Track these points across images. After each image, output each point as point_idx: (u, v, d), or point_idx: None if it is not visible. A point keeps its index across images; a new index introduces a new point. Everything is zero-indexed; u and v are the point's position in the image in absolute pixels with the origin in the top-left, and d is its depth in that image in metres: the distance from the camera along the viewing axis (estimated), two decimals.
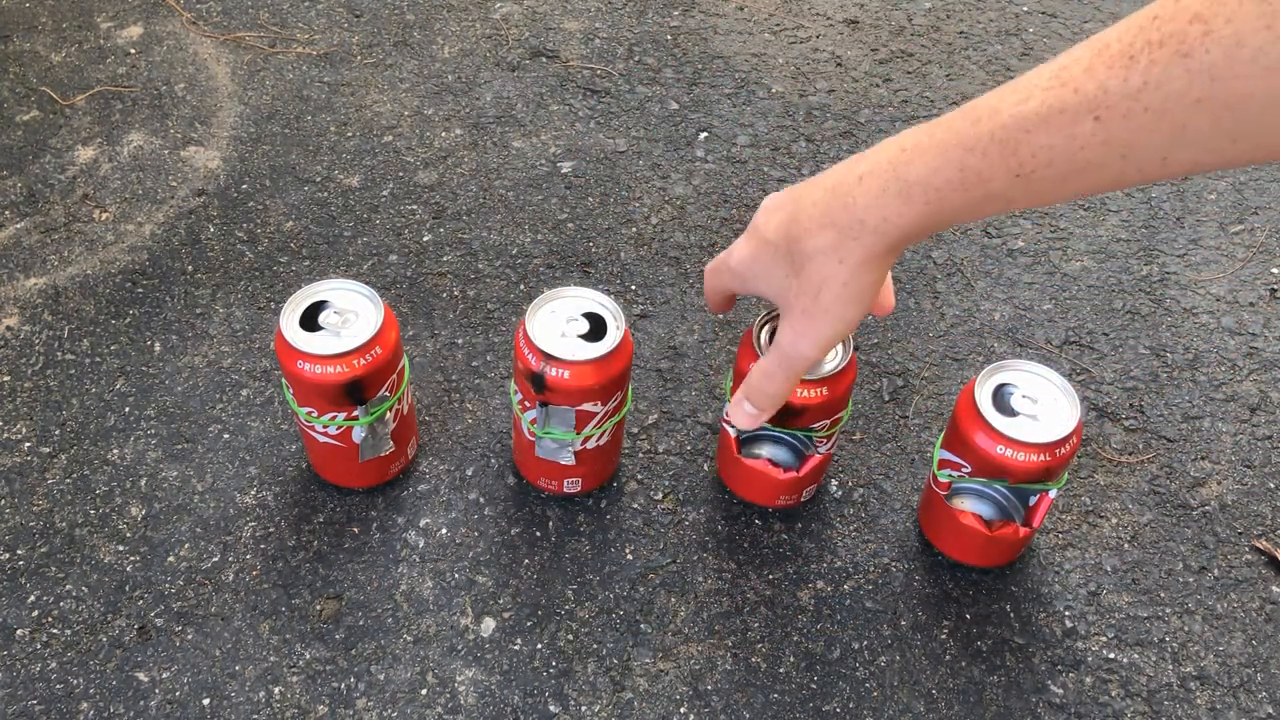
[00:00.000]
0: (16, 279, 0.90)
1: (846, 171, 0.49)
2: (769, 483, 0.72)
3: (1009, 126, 0.42)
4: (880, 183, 0.47)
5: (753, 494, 0.74)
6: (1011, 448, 0.63)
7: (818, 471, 0.72)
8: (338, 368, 0.64)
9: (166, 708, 0.64)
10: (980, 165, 0.44)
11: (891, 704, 0.66)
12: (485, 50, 1.17)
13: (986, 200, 0.45)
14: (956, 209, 0.46)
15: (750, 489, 0.74)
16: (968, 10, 1.29)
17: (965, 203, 0.45)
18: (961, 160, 0.44)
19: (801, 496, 0.74)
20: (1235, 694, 0.68)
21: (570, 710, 0.65)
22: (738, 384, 0.67)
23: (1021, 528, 0.68)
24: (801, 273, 0.51)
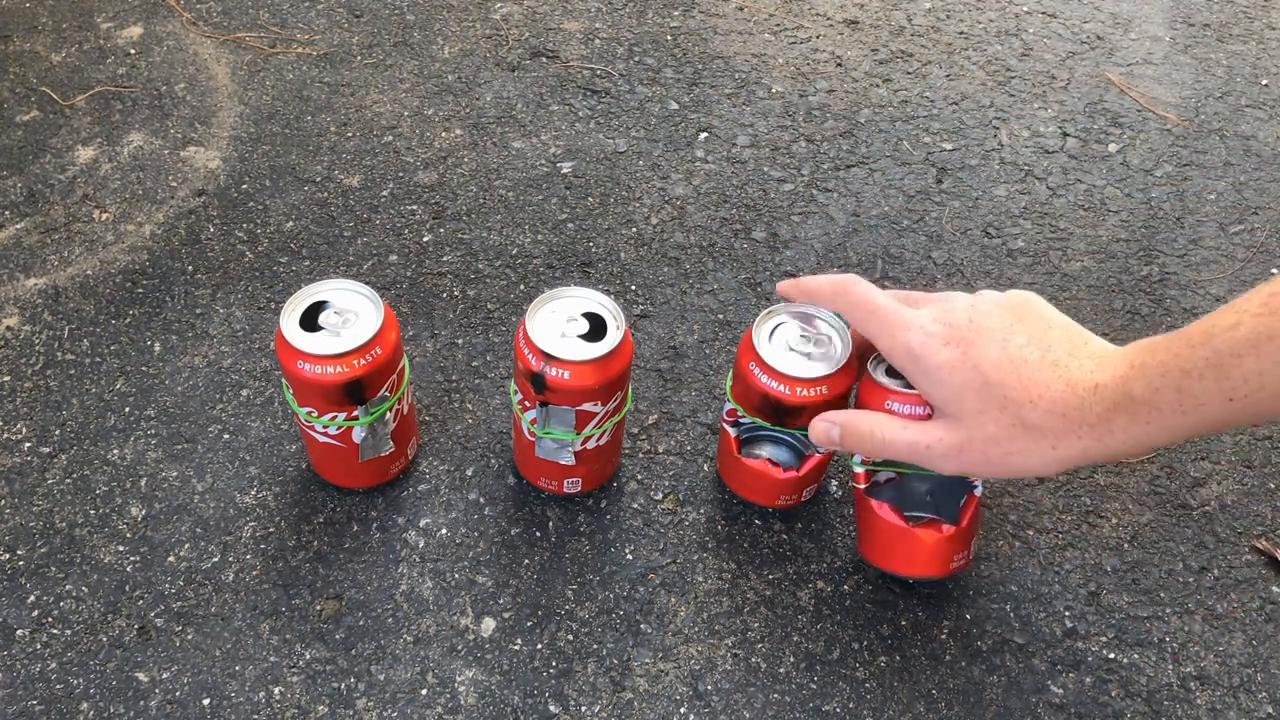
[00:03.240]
0: (16, 279, 0.90)
1: (1082, 370, 0.51)
2: (769, 482, 0.72)
3: (1221, 352, 0.44)
4: (1113, 396, 0.49)
5: (753, 494, 0.74)
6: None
7: (818, 471, 0.72)
8: (338, 368, 0.64)
9: (166, 708, 0.64)
10: (1197, 389, 0.46)
11: (891, 704, 0.66)
12: (485, 50, 1.17)
13: (1201, 425, 0.47)
14: (1173, 430, 0.48)
15: (750, 489, 0.74)
16: (968, 10, 1.29)
17: (1181, 426, 0.47)
18: (1179, 383, 0.46)
19: (802, 496, 0.74)
20: (1235, 694, 0.68)
21: (570, 710, 0.65)
22: (737, 384, 0.68)
23: (946, 526, 0.65)
24: (1003, 426, 0.52)
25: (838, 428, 0.60)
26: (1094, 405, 0.50)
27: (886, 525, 0.65)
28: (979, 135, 1.11)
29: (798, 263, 0.96)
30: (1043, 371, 0.52)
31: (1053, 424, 0.51)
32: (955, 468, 0.55)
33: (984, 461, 0.54)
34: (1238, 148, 1.12)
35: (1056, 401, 0.51)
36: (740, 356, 0.67)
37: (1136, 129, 1.13)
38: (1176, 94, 1.19)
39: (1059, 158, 1.09)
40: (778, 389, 0.65)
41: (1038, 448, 0.52)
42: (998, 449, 0.53)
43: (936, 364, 0.54)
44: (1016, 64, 1.21)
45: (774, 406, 0.66)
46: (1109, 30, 1.28)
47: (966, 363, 0.53)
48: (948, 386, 0.54)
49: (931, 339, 0.54)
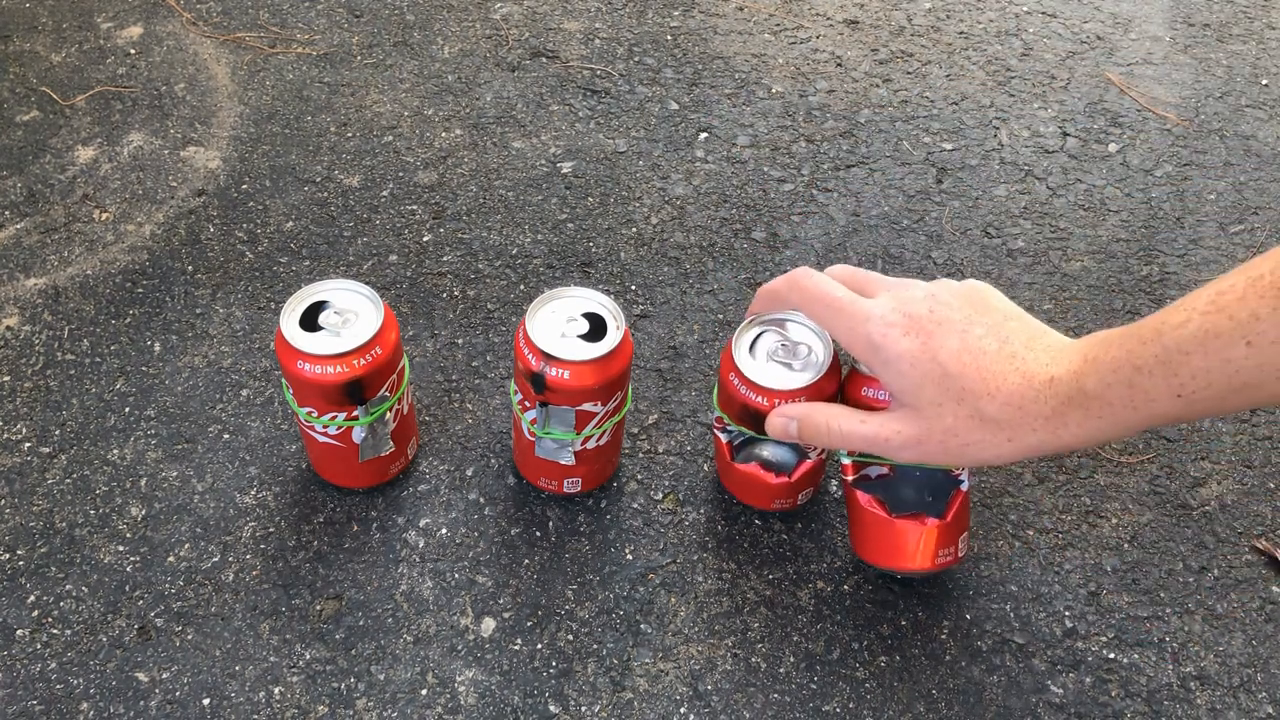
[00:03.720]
0: (16, 279, 0.90)
1: (1037, 363, 0.52)
2: (762, 487, 0.72)
3: (1170, 349, 0.45)
4: (1067, 391, 0.50)
5: (749, 498, 0.74)
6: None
7: (812, 476, 0.72)
8: (338, 368, 0.64)
9: (166, 708, 0.64)
10: (1147, 385, 0.46)
11: (891, 704, 0.66)
12: (485, 50, 1.17)
13: (1150, 420, 0.48)
14: (1124, 425, 0.49)
15: (746, 493, 0.74)
16: (968, 10, 1.29)
17: (1132, 421, 0.48)
18: (1130, 378, 0.47)
19: (798, 500, 0.74)
20: (1235, 694, 0.68)
21: (570, 710, 0.65)
22: (721, 394, 0.69)
23: (931, 519, 0.65)
24: (961, 418, 0.53)
25: (794, 422, 0.61)
26: (1049, 399, 0.50)
27: (871, 518, 0.66)
28: (979, 135, 1.11)
29: (798, 263, 0.96)
30: (1000, 363, 0.52)
31: (1009, 416, 0.52)
32: (914, 458, 0.56)
33: (942, 452, 0.54)
34: (1238, 148, 1.12)
35: (1013, 394, 0.51)
36: (722, 368, 0.67)
37: (1136, 129, 1.13)
38: (1176, 94, 1.19)
39: (1059, 158, 1.09)
40: (756, 400, 0.65)
41: (994, 439, 0.52)
42: (955, 440, 0.53)
43: (897, 354, 0.54)
44: (1016, 64, 1.21)
45: (754, 417, 0.66)
46: (1109, 30, 1.28)
47: (926, 353, 0.53)
48: (907, 378, 0.54)
49: (891, 329, 0.55)
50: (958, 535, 0.66)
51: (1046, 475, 0.79)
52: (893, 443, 0.56)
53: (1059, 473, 0.80)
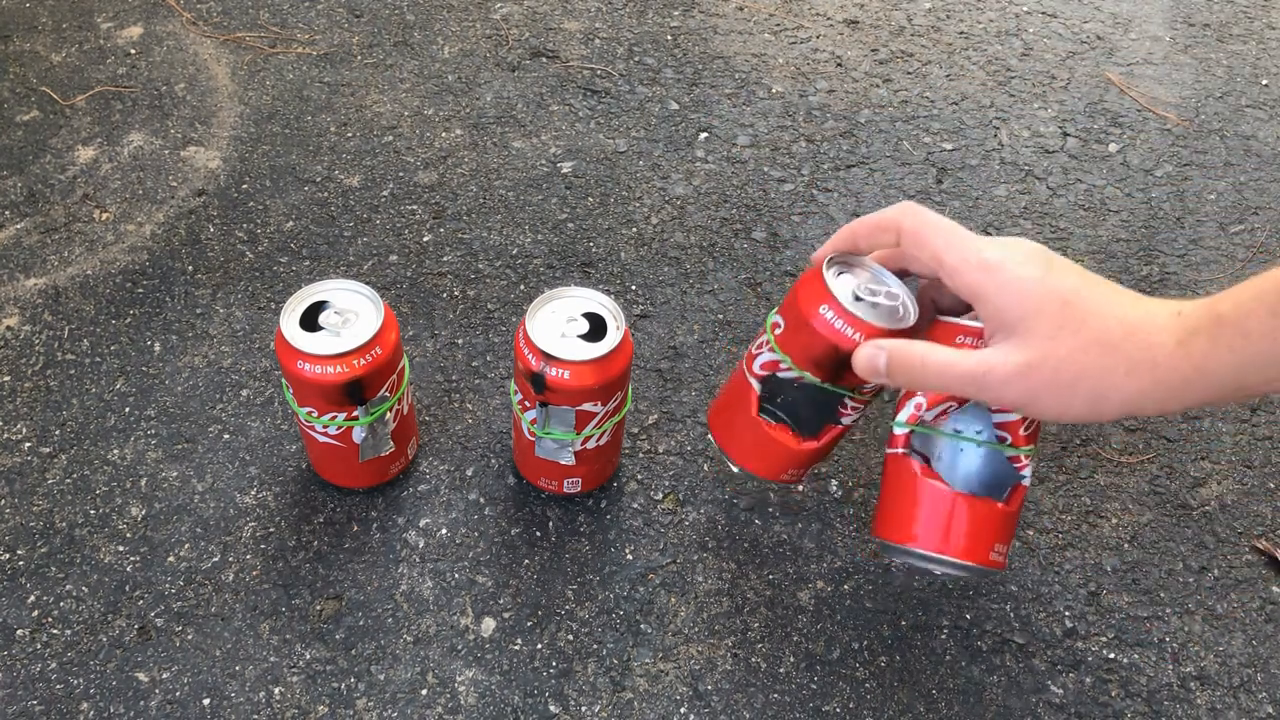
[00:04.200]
0: (16, 279, 0.90)
1: (1158, 302, 0.48)
2: (782, 452, 0.64)
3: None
4: (1195, 320, 0.46)
5: (759, 462, 0.66)
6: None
7: (829, 446, 0.65)
8: (338, 368, 0.64)
9: (166, 708, 0.64)
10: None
11: (891, 704, 0.66)
12: (485, 50, 1.17)
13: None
14: (1259, 363, 0.43)
15: (758, 456, 0.65)
16: (968, 10, 1.29)
17: (1270, 357, 0.43)
18: (1275, 305, 0.43)
19: (804, 475, 0.68)
20: (1235, 694, 0.68)
21: (570, 710, 0.65)
22: (796, 334, 0.59)
23: (999, 503, 0.58)
24: (1075, 347, 0.48)
25: (884, 354, 0.54)
26: (1175, 329, 0.46)
27: (929, 492, 0.56)
28: (979, 135, 1.11)
29: (798, 263, 0.96)
30: (1121, 296, 0.48)
31: (1129, 345, 0.47)
32: (1017, 395, 0.49)
33: (1051, 384, 0.48)
34: (1238, 148, 1.12)
35: (1137, 322, 0.47)
36: (804, 302, 0.58)
37: (1136, 129, 1.13)
38: (1176, 94, 1.19)
39: (1059, 158, 1.09)
40: (851, 336, 0.56)
41: (1111, 371, 0.47)
42: (1068, 370, 0.48)
43: (1014, 276, 0.49)
44: (1016, 64, 1.21)
45: (836, 358, 0.57)
46: (1109, 30, 1.28)
47: (1044, 283, 0.49)
48: (1021, 305, 0.49)
49: (1009, 254, 0.50)
50: (1011, 535, 0.59)
51: (1046, 475, 0.79)
52: (996, 374, 0.49)
53: (1059, 473, 0.80)
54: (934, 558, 0.58)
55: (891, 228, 0.55)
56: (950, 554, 0.57)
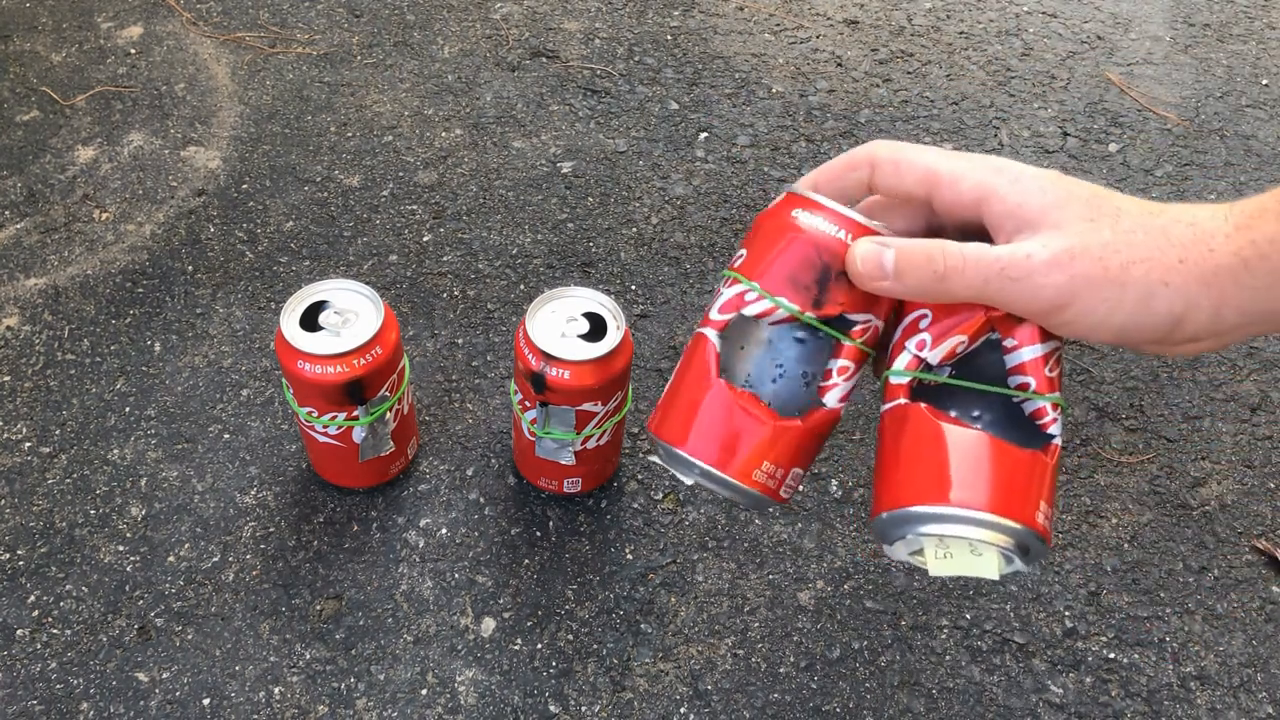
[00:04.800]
0: (16, 279, 0.90)
1: (1193, 205, 0.42)
2: (754, 431, 0.43)
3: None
4: (1250, 206, 0.39)
5: (721, 449, 0.43)
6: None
7: (816, 436, 0.44)
8: (338, 368, 0.64)
9: (166, 708, 0.64)
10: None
11: (891, 704, 0.66)
12: (485, 50, 1.17)
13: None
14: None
15: (722, 440, 0.43)
16: (968, 10, 1.29)
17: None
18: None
19: (785, 480, 0.44)
20: (1235, 694, 0.68)
21: (570, 710, 0.65)
22: (765, 241, 0.44)
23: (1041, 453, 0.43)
24: (1120, 231, 0.40)
25: (891, 250, 0.42)
26: (1228, 215, 0.39)
27: (953, 437, 0.41)
28: (979, 135, 1.11)
29: None
30: (1152, 203, 0.41)
31: (1181, 233, 0.39)
32: (1058, 288, 0.39)
33: (1099, 273, 0.39)
34: (1238, 148, 1.12)
35: (1184, 212, 0.40)
36: (775, 213, 0.44)
37: (1136, 129, 1.13)
38: (1176, 94, 1.19)
39: (1059, 157, 1.09)
40: (839, 235, 0.42)
41: (1164, 256, 0.39)
42: (1118, 257, 0.39)
43: (1031, 174, 0.41)
44: (1016, 64, 1.21)
45: (826, 272, 0.42)
46: (1109, 30, 1.28)
47: (1065, 180, 0.41)
48: (1047, 193, 0.41)
49: (1015, 162, 0.43)
50: (1054, 495, 0.44)
51: None
52: (1035, 260, 0.39)
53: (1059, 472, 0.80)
54: (971, 517, 0.41)
55: (862, 164, 0.45)
56: (994, 511, 0.41)
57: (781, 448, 0.44)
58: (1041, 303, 0.40)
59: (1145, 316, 0.40)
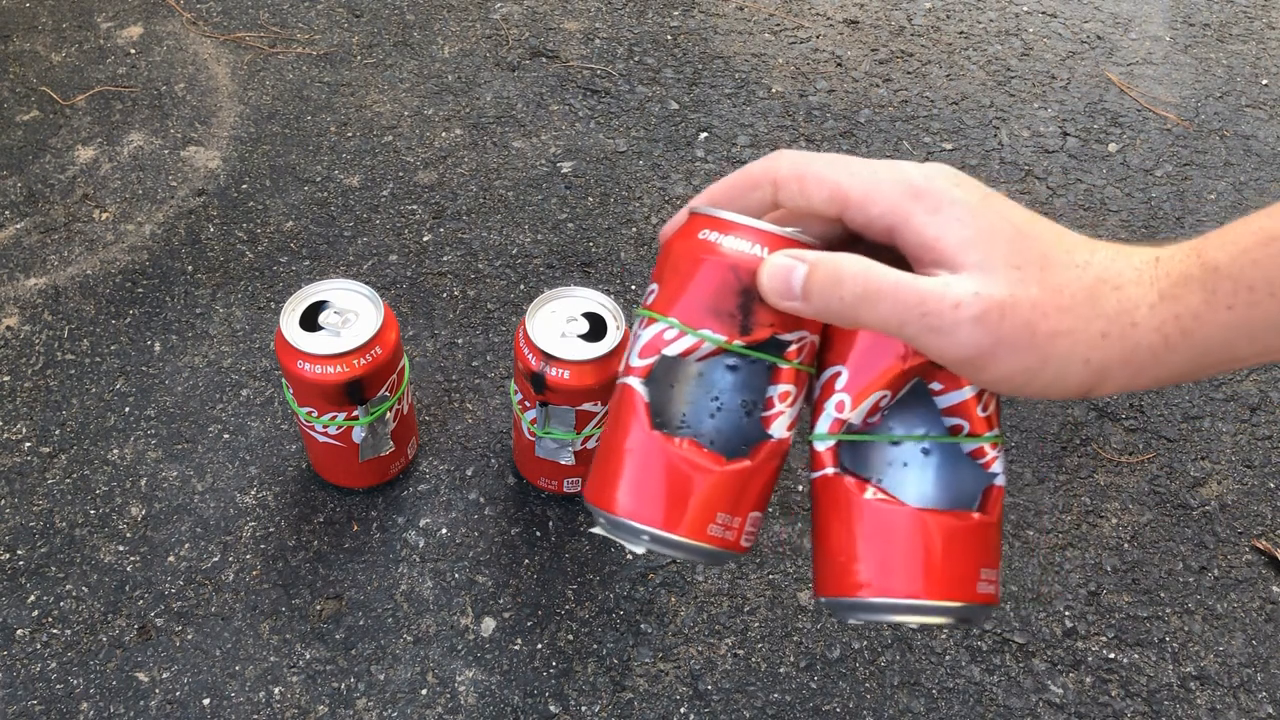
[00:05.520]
0: (16, 279, 0.90)
1: (1123, 246, 0.38)
2: (700, 481, 0.38)
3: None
4: (1183, 266, 0.35)
5: (668, 509, 0.38)
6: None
7: (767, 474, 0.40)
8: (338, 368, 0.64)
9: (166, 708, 0.64)
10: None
11: (891, 704, 0.66)
12: (485, 50, 1.17)
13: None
14: (1266, 328, 0.34)
15: (666, 497, 0.38)
16: (968, 10, 1.29)
17: (1277, 320, 0.34)
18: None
19: (744, 528, 0.40)
20: (1235, 694, 0.68)
21: (570, 710, 0.65)
22: (680, 265, 0.40)
23: (974, 513, 0.40)
24: (1048, 290, 0.36)
25: (804, 266, 0.37)
26: (1156, 278, 0.36)
27: (884, 516, 0.39)
28: (979, 135, 1.11)
29: None
30: (1078, 238, 0.38)
31: (1106, 299, 0.36)
32: (977, 341, 0.36)
33: (1027, 336, 0.36)
34: (1238, 148, 1.12)
35: (1108, 269, 0.36)
36: (682, 238, 0.40)
37: (1136, 129, 1.13)
38: (1176, 94, 1.19)
39: (1059, 157, 1.09)
40: (751, 251, 0.38)
41: (1087, 329, 0.36)
42: (1046, 322, 0.36)
43: (950, 199, 0.37)
44: (1016, 64, 1.21)
45: (749, 295, 0.38)
46: (1109, 30, 1.28)
47: (990, 208, 0.37)
48: (968, 226, 0.37)
49: (935, 178, 0.38)
50: (998, 554, 0.41)
51: (1046, 475, 0.79)
52: (963, 312, 0.35)
53: (1059, 473, 0.80)
54: (905, 605, 0.39)
55: (763, 181, 0.40)
56: (929, 596, 0.39)
57: (733, 494, 0.40)
58: (957, 356, 0.37)
59: (1058, 386, 0.37)
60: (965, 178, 0.38)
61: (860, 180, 0.38)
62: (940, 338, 0.36)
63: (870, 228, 0.38)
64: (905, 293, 0.36)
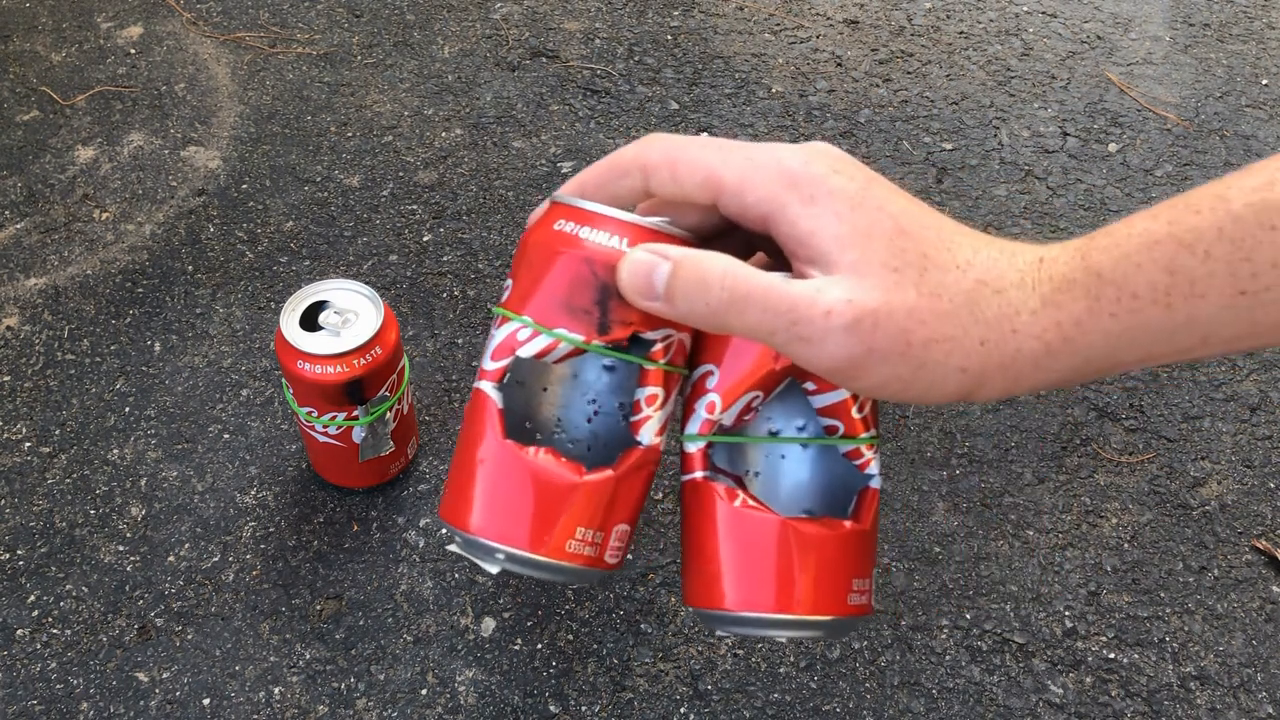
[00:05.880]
0: (16, 279, 0.90)
1: (1010, 243, 0.36)
2: (557, 493, 0.36)
3: (1244, 220, 0.31)
4: (1066, 270, 0.34)
5: (525, 524, 0.36)
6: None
7: (636, 485, 0.38)
8: (338, 368, 0.64)
9: (166, 708, 0.64)
10: (1197, 271, 0.32)
11: (891, 704, 0.66)
12: (485, 50, 1.17)
13: (1188, 326, 0.33)
14: (1147, 333, 0.33)
15: (521, 513, 0.36)
16: (968, 10, 1.29)
17: (1162, 327, 0.33)
18: (1171, 260, 0.32)
19: (609, 545, 0.37)
20: (1235, 694, 0.68)
21: (570, 710, 0.65)
22: (538, 269, 0.37)
23: (846, 521, 0.39)
24: (925, 296, 0.35)
25: (667, 264, 0.35)
26: (1039, 282, 0.34)
27: (750, 525, 0.38)
28: (979, 135, 1.11)
29: None
30: (963, 233, 0.36)
31: (986, 303, 0.34)
32: (847, 352, 0.34)
33: (901, 346, 0.34)
34: (1238, 148, 1.12)
35: (989, 270, 0.35)
36: (538, 231, 0.37)
37: (1136, 129, 1.13)
38: (1176, 94, 1.19)
39: (1059, 157, 1.09)
40: (607, 244, 0.36)
41: (964, 338, 0.34)
42: (922, 330, 0.34)
43: (829, 188, 0.35)
44: (1016, 64, 1.21)
45: (607, 292, 0.35)
46: (1109, 30, 1.28)
47: (870, 200, 0.35)
48: (844, 223, 0.35)
49: (814, 161, 0.35)
50: (872, 562, 0.40)
51: (1046, 475, 0.79)
52: (834, 320, 0.33)
53: (1059, 473, 0.80)
54: (774, 620, 0.38)
55: (633, 167, 0.38)
56: (798, 611, 0.37)
57: (595, 508, 0.37)
58: (829, 365, 0.35)
59: (934, 393, 0.35)
60: (847, 160, 0.36)
61: (735, 166, 0.36)
62: (809, 347, 0.34)
63: (745, 216, 0.36)
64: (775, 299, 0.34)
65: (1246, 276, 0.31)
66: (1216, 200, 0.32)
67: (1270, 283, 0.31)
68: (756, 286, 0.34)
